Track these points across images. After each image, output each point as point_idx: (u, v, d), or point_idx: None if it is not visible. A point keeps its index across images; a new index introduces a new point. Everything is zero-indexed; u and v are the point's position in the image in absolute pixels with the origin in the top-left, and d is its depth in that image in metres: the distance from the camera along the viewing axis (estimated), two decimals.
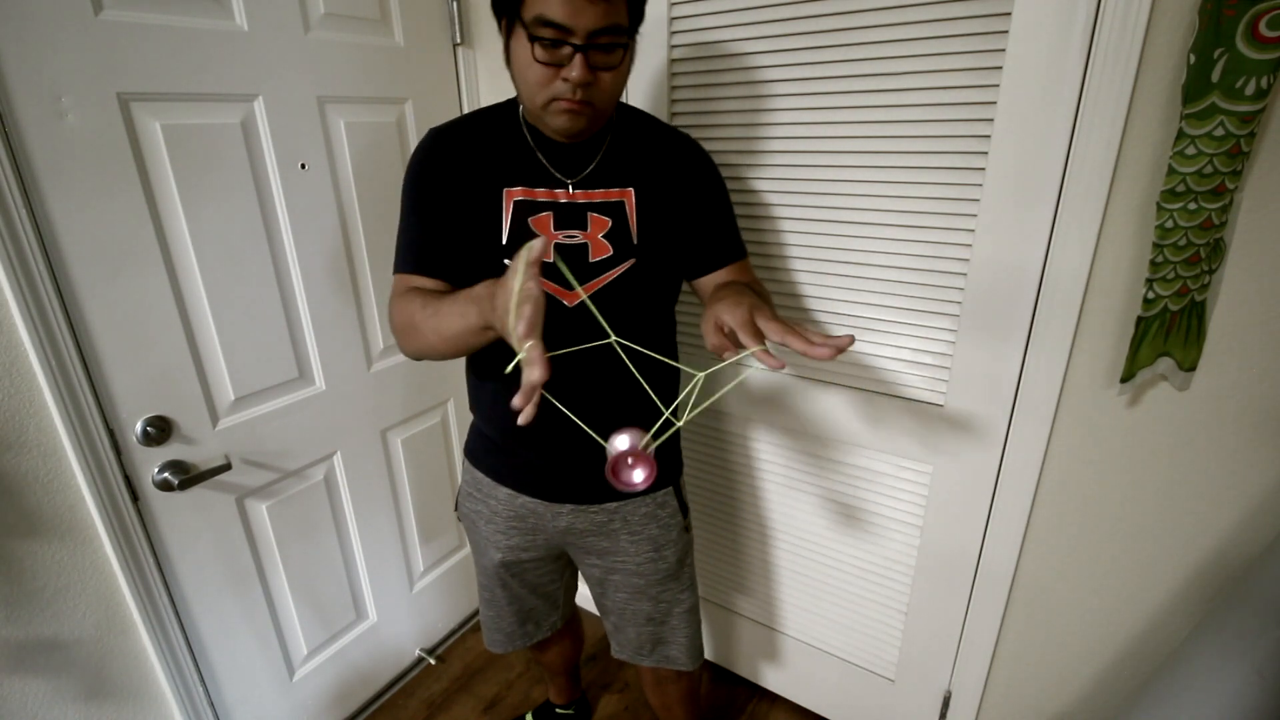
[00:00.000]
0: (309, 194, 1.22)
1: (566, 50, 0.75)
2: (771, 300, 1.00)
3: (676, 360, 1.07)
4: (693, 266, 0.98)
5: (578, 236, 0.89)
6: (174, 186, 1.04)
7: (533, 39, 0.75)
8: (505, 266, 0.89)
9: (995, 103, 0.96)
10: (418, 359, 0.91)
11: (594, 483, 1.01)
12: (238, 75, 1.08)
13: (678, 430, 1.10)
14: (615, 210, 0.90)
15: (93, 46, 0.92)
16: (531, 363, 0.60)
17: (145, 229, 1.02)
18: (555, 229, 0.89)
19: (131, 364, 1.04)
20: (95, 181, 0.96)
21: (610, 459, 0.73)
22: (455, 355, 0.85)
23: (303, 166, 1.20)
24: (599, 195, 0.90)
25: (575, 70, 0.76)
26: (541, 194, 0.89)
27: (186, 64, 1.02)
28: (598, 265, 0.89)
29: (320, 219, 1.26)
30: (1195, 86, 0.78)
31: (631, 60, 0.83)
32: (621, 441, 0.72)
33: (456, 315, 0.77)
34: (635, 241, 0.91)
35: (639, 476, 0.73)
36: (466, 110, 1.46)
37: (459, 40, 1.44)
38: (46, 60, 0.89)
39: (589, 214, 0.89)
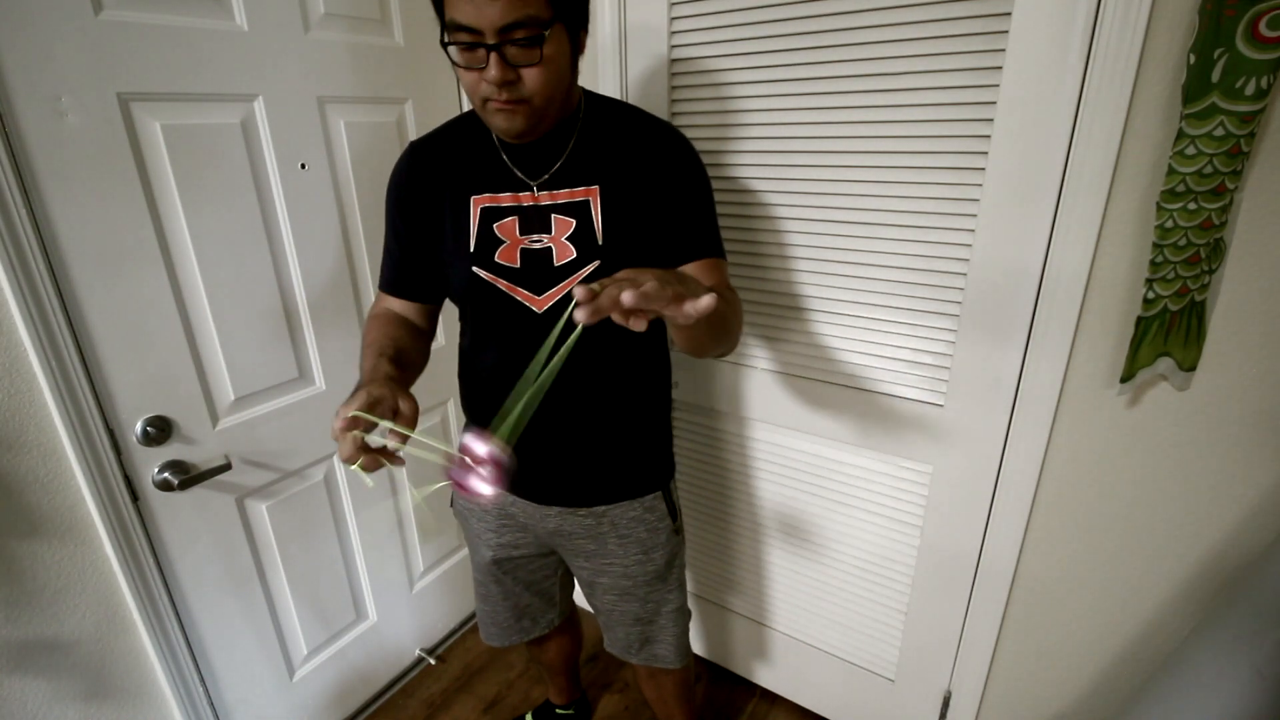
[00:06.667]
0: (309, 194, 1.22)
1: (480, 52, 0.74)
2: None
3: (669, 361, 1.05)
4: (657, 261, 0.88)
5: (543, 240, 0.87)
6: (174, 186, 1.04)
7: (448, 44, 0.75)
8: (473, 276, 0.89)
9: (995, 103, 0.96)
10: None
11: (581, 486, 1.01)
12: (238, 75, 1.08)
13: (670, 433, 1.09)
14: (580, 210, 0.87)
15: (93, 46, 0.92)
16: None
17: (145, 229, 1.02)
18: (521, 234, 0.87)
19: (131, 364, 1.04)
20: (95, 181, 0.96)
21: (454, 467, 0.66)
22: None
23: (303, 166, 1.20)
24: (563, 196, 0.88)
25: (492, 70, 0.74)
26: (506, 198, 0.88)
27: (186, 64, 1.02)
28: (562, 269, 0.87)
29: (320, 219, 1.26)
30: (1195, 86, 0.78)
31: (568, 52, 0.79)
32: (471, 446, 0.66)
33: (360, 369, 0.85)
34: (600, 242, 0.87)
35: (480, 485, 0.65)
36: (465, 110, 1.46)
37: None
38: (46, 60, 0.89)
39: (553, 216, 0.88)
